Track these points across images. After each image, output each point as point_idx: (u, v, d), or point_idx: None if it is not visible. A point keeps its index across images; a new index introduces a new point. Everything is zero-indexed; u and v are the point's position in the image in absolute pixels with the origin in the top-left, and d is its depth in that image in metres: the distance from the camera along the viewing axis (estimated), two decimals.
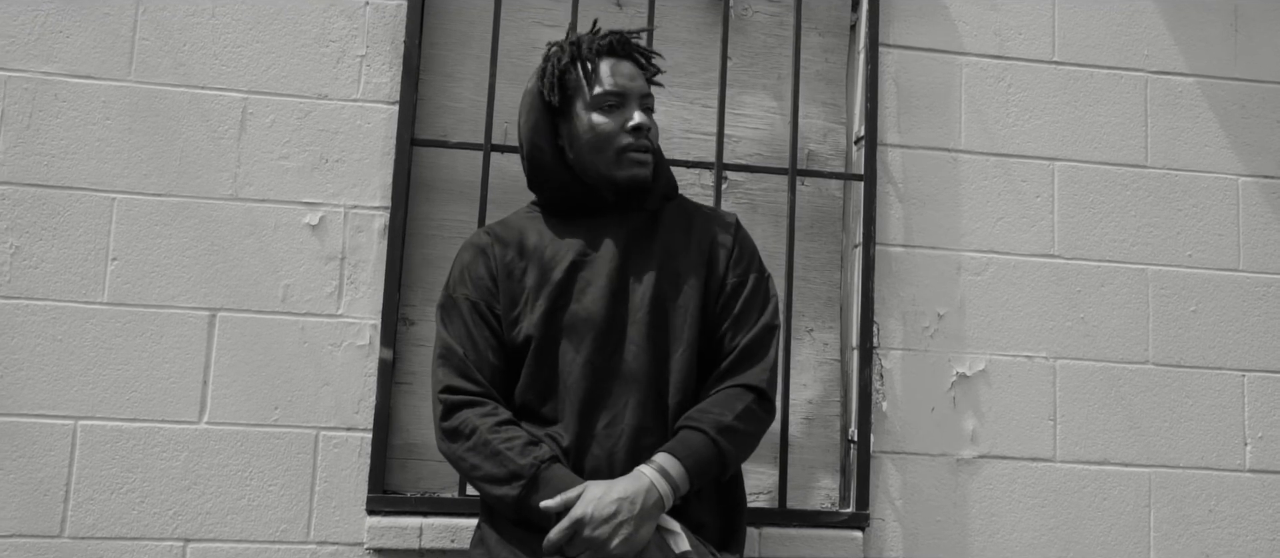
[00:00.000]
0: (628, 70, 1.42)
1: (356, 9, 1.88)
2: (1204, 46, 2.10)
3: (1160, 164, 2.05)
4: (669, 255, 1.43)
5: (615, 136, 1.38)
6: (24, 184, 1.76)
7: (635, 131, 1.38)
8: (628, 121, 1.38)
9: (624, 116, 1.39)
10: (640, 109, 1.41)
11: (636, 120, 1.38)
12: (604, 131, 1.38)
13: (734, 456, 1.34)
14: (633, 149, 1.38)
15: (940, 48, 2.03)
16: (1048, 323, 1.98)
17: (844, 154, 2.05)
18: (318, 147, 1.84)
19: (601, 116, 1.39)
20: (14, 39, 1.79)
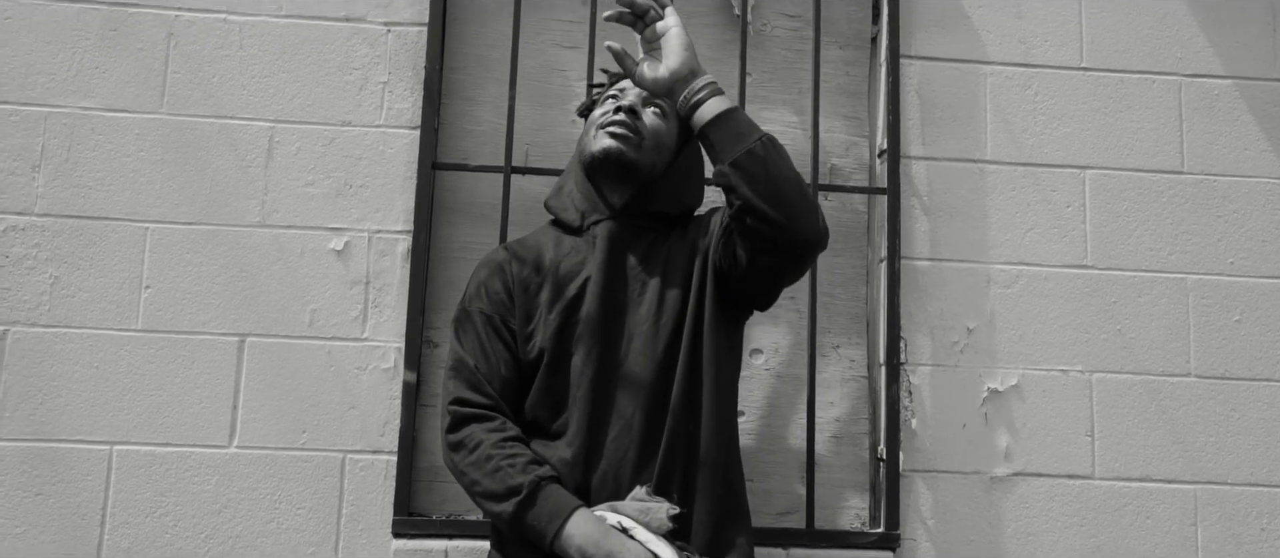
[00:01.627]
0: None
1: (378, 37, 1.87)
2: (1241, 48, 1.98)
3: (1197, 169, 1.94)
4: (669, 266, 1.38)
5: (601, 116, 1.40)
6: (63, 216, 1.77)
7: (618, 110, 1.38)
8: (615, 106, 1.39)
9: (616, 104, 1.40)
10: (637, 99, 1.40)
11: (624, 102, 1.38)
12: (594, 116, 1.42)
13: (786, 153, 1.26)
14: (611, 123, 1.37)
15: (964, 57, 1.95)
16: (1082, 336, 1.88)
17: (867, 168, 1.98)
18: (342, 173, 1.83)
19: (598, 107, 1.43)
20: (54, 76, 1.81)
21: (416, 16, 1.87)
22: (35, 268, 1.75)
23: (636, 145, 1.38)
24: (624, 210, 1.39)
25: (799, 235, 1.23)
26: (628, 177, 1.38)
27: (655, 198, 1.42)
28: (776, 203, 1.22)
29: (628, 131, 1.37)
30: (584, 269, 1.38)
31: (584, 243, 1.41)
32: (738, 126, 1.26)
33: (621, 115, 1.38)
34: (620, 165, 1.37)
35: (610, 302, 1.35)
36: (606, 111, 1.40)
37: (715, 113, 1.27)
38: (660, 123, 1.42)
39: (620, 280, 1.37)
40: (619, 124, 1.37)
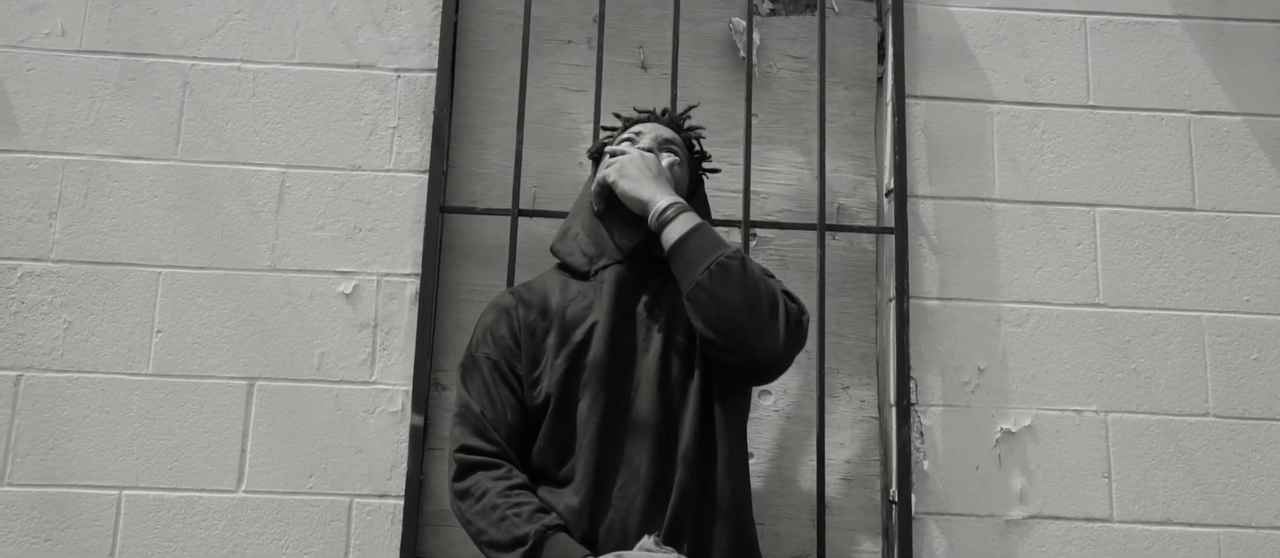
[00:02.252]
0: (657, 125, 1.47)
1: (389, 82, 1.88)
2: (1250, 84, 1.96)
3: (1209, 206, 1.91)
4: (677, 310, 1.36)
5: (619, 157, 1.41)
6: (78, 261, 1.78)
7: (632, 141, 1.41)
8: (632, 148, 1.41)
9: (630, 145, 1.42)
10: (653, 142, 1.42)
11: (641, 143, 1.41)
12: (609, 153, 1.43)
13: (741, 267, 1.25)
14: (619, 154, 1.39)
15: (970, 96, 1.93)
16: (1097, 375, 1.83)
17: (875, 207, 1.96)
18: (351, 217, 1.83)
19: (614, 149, 1.44)
20: (72, 125, 1.83)
21: (426, 63, 1.88)
22: (50, 313, 1.76)
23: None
24: (633, 254, 1.38)
25: (753, 361, 1.25)
26: (638, 217, 1.38)
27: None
28: (727, 333, 1.23)
29: None
30: (591, 314, 1.36)
31: (591, 287, 1.39)
32: (689, 257, 1.26)
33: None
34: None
35: (617, 347, 1.33)
36: (625, 152, 1.40)
37: (671, 241, 1.28)
38: (677, 166, 1.43)
39: (627, 325, 1.35)
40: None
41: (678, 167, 1.44)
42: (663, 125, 1.48)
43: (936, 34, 1.95)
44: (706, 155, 1.53)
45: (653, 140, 1.43)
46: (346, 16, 1.90)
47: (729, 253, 1.25)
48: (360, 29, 1.89)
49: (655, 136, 1.44)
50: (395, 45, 1.89)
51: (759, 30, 1.98)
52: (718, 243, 1.27)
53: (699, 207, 1.50)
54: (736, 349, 1.24)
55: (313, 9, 1.90)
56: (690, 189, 1.48)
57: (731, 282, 1.23)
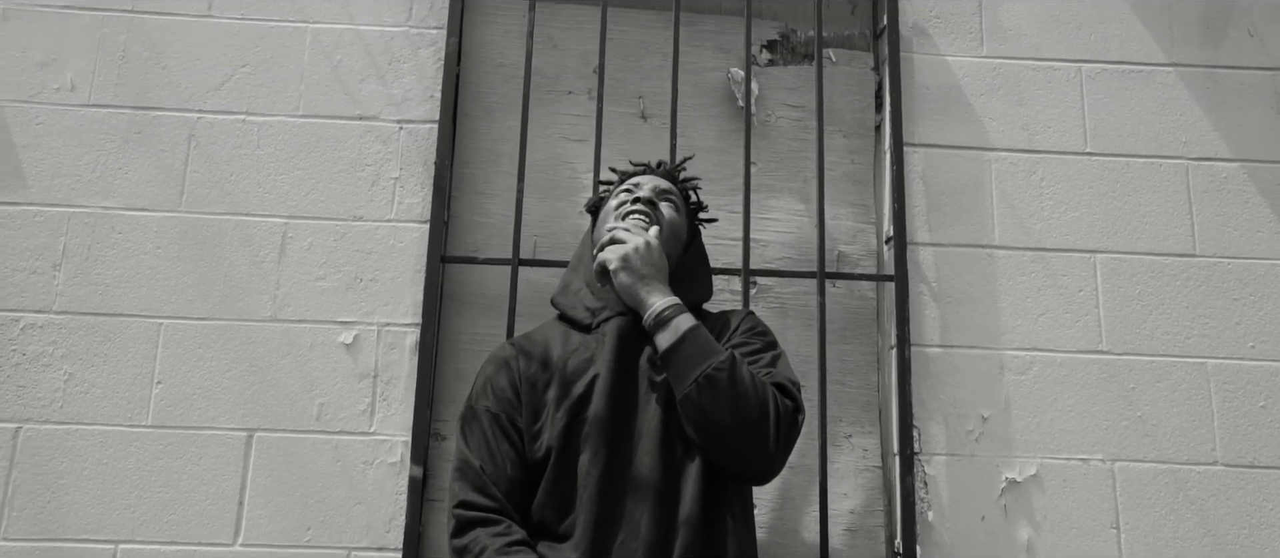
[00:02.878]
0: (654, 177, 1.47)
1: (391, 134, 1.89)
2: (1246, 130, 1.95)
3: (1210, 252, 1.89)
4: None
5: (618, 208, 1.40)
6: (80, 313, 1.78)
7: (635, 202, 1.39)
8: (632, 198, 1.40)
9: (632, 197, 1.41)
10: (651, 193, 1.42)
11: (641, 194, 1.40)
12: (610, 207, 1.42)
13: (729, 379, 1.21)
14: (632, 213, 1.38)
15: (967, 144, 1.93)
16: (1102, 423, 1.80)
17: (875, 254, 1.95)
18: (352, 267, 1.82)
19: (612, 200, 1.44)
20: (79, 177, 1.84)
21: (428, 114, 1.89)
22: (51, 365, 1.75)
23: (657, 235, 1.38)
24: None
25: (744, 469, 1.25)
26: None
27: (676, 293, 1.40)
28: (716, 444, 1.24)
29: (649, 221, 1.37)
30: (592, 366, 1.34)
31: (592, 339, 1.38)
32: (679, 365, 1.25)
33: (640, 206, 1.38)
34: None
35: (618, 400, 1.31)
36: (623, 203, 1.40)
37: (662, 349, 1.27)
38: (675, 216, 1.43)
39: (629, 379, 1.33)
40: (640, 214, 1.38)
41: (678, 214, 1.43)
42: (659, 177, 1.48)
43: (933, 83, 1.96)
44: (703, 205, 1.53)
45: (651, 190, 1.43)
46: (351, 69, 1.91)
47: (717, 364, 1.23)
48: (364, 81, 1.91)
49: (653, 187, 1.44)
50: (398, 97, 1.90)
51: (757, 80, 1.99)
52: (707, 351, 1.24)
53: (696, 256, 1.49)
54: (726, 458, 1.25)
55: (317, 62, 1.91)
56: (688, 239, 1.47)
57: (719, 396, 1.22)
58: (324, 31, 1.93)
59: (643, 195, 1.40)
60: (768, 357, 1.34)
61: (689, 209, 1.50)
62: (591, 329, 1.38)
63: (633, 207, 1.38)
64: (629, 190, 1.44)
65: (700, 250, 1.51)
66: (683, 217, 1.45)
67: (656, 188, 1.44)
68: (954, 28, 1.99)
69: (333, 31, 1.93)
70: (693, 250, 1.48)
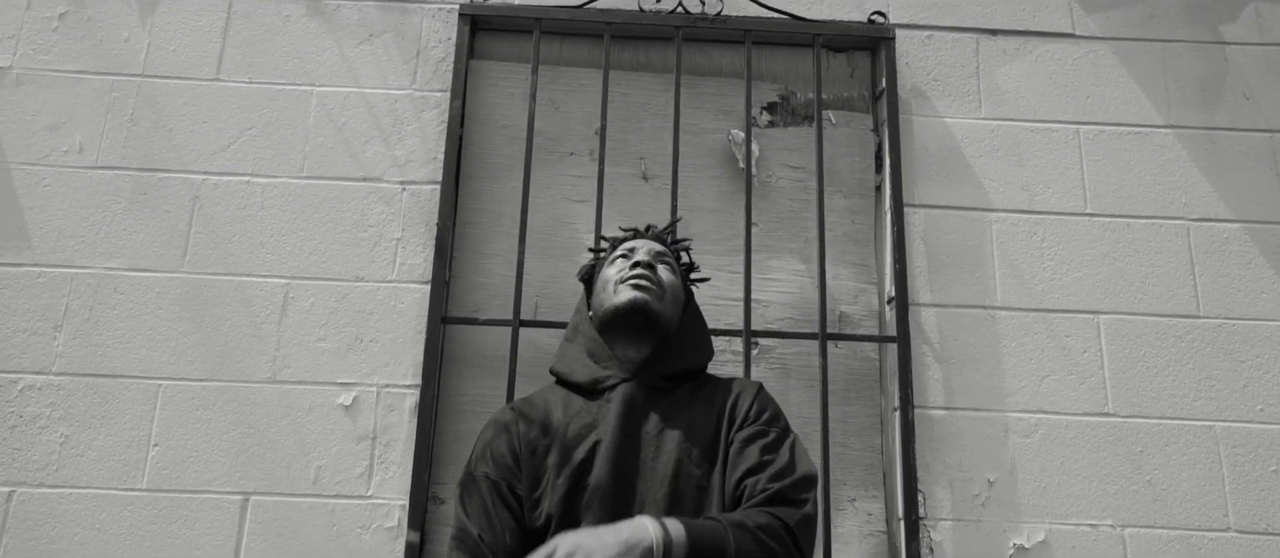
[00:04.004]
0: (645, 241, 1.46)
1: (394, 194, 1.88)
2: (1245, 192, 1.94)
3: (1214, 314, 1.86)
4: (691, 432, 1.31)
5: (617, 273, 1.39)
6: (79, 374, 1.75)
7: (635, 265, 1.37)
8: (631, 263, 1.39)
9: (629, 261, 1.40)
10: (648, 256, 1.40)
11: (637, 258, 1.39)
12: (610, 274, 1.40)
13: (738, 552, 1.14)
14: (632, 277, 1.35)
15: (967, 205, 1.92)
16: (1110, 487, 1.75)
17: (876, 315, 1.92)
18: (353, 328, 1.80)
19: (609, 267, 1.41)
20: (83, 239, 1.83)
21: (431, 176, 1.89)
22: (47, 427, 1.72)
23: (659, 297, 1.36)
24: (641, 370, 1.34)
25: None
26: (650, 329, 1.34)
27: (673, 354, 1.37)
28: None
29: (650, 283, 1.36)
30: (594, 431, 1.31)
31: (594, 404, 1.35)
32: (701, 537, 1.14)
33: (640, 269, 1.37)
34: (645, 316, 1.33)
35: (621, 467, 1.27)
36: (622, 269, 1.38)
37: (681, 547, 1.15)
38: (672, 277, 1.41)
39: (633, 445, 1.29)
40: (640, 277, 1.36)
41: (675, 275, 1.42)
42: (652, 241, 1.47)
43: (932, 144, 1.95)
44: (695, 266, 1.51)
45: (647, 253, 1.41)
46: (355, 132, 1.92)
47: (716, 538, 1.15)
48: (368, 143, 1.91)
49: (649, 250, 1.43)
50: (401, 159, 1.90)
51: (758, 141, 1.99)
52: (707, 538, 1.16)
53: (693, 316, 1.46)
54: None
55: (322, 125, 1.92)
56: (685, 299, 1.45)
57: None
58: (330, 94, 1.94)
59: (641, 259, 1.39)
60: (784, 454, 1.29)
61: (683, 270, 1.49)
62: (595, 393, 1.35)
63: (632, 271, 1.37)
64: (625, 256, 1.42)
65: (696, 311, 1.48)
66: (678, 278, 1.44)
67: (652, 251, 1.43)
68: (952, 90, 1.99)
69: (339, 94, 1.94)
70: (690, 311, 1.46)
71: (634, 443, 1.29)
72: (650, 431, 1.30)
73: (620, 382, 1.33)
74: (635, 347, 1.35)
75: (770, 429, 1.31)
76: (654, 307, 1.33)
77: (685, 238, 1.54)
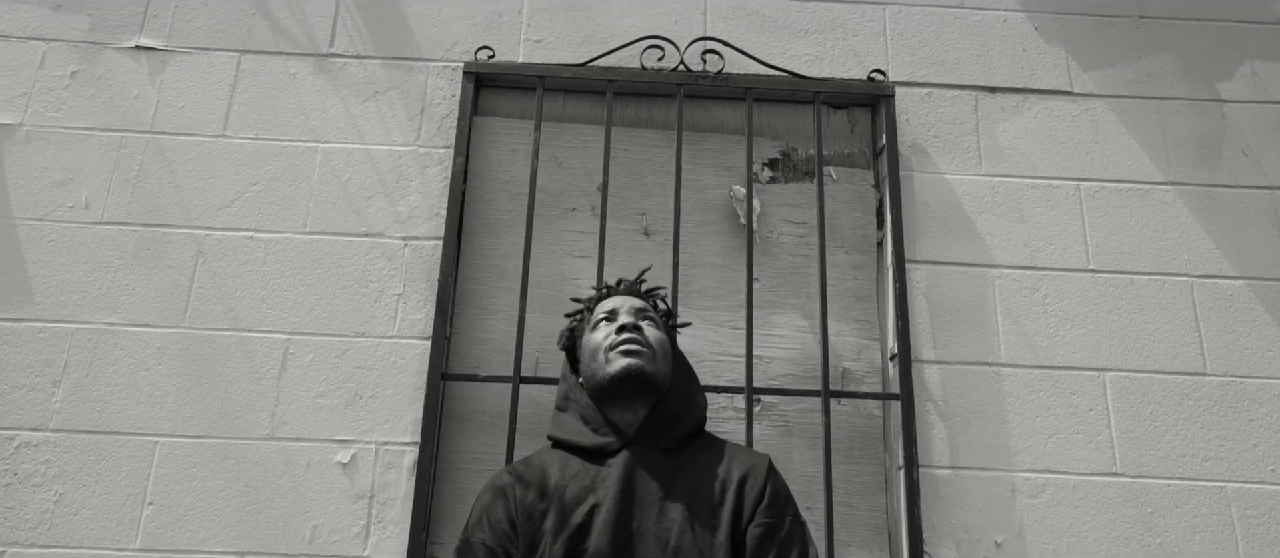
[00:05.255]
0: (621, 298, 1.43)
1: (396, 250, 1.88)
2: (1248, 248, 1.92)
3: (1221, 371, 1.83)
4: (693, 499, 1.27)
5: (604, 339, 1.35)
6: (75, 431, 1.73)
7: (620, 329, 1.34)
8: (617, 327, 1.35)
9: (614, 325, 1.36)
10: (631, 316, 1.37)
11: (621, 320, 1.35)
12: (596, 341, 1.36)
13: None
14: (621, 343, 1.32)
15: (969, 261, 1.90)
16: (1121, 549, 1.71)
17: (880, 371, 1.89)
18: (353, 384, 1.78)
19: (593, 333, 1.38)
20: (85, 294, 1.82)
21: (433, 231, 1.88)
22: (42, 485, 1.69)
23: (651, 359, 1.33)
24: (639, 433, 1.32)
25: None
26: (645, 392, 1.32)
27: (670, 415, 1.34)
28: None
29: (640, 347, 1.33)
30: (591, 494, 1.28)
31: (592, 466, 1.32)
32: None
33: (627, 334, 1.33)
34: (640, 382, 1.31)
35: (621, 532, 1.24)
36: (609, 334, 1.35)
37: None
38: (657, 332, 1.38)
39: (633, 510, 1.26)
40: (629, 342, 1.33)
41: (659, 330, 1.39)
42: (629, 297, 1.43)
43: (933, 200, 1.95)
44: (672, 313, 1.49)
45: (630, 313, 1.38)
46: (359, 187, 1.92)
47: None
48: (371, 199, 1.91)
49: (630, 309, 1.39)
50: (404, 214, 1.90)
51: (759, 197, 1.98)
52: None
53: (681, 368, 1.43)
54: None
55: (327, 181, 1.92)
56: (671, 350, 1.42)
57: None
58: (335, 151, 1.94)
59: (626, 322, 1.36)
60: (795, 553, 1.27)
61: (663, 319, 1.46)
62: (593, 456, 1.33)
63: (620, 337, 1.33)
64: (608, 318, 1.39)
65: (683, 361, 1.46)
66: (662, 330, 1.41)
67: (633, 309, 1.39)
68: (952, 146, 1.99)
69: (343, 151, 1.95)
70: (677, 360, 1.43)
71: (634, 508, 1.26)
72: (650, 496, 1.27)
73: (621, 447, 1.30)
74: (631, 411, 1.32)
75: (784, 519, 1.29)
76: (648, 371, 1.31)
77: (659, 286, 1.50)
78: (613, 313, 1.38)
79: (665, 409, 1.34)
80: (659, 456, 1.31)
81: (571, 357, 1.44)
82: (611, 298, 1.43)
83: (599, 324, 1.38)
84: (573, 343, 1.43)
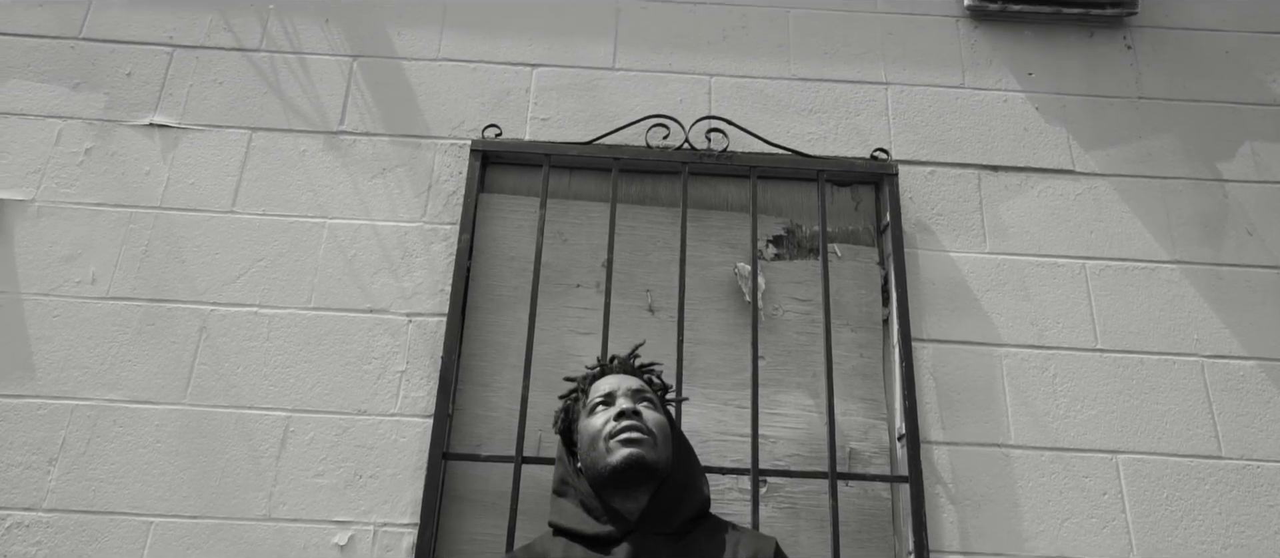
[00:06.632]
0: (617, 377, 1.39)
1: (400, 327, 1.86)
2: (1258, 328, 1.90)
3: (1237, 454, 1.79)
4: None
5: (603, 427, 1.31)
6: (70, 511, 1.69)
7: (620, 416, 1.29)
8: (615, 413, 1.31)
9: (612, 411, 1.32)
10: (628, 400, 1.33)
11: (620, 405, 1.31)
12: (594, 427, 1.32)
13: None
14: (622, 431, 1.28)
15: (976, 339, 1.88)
16: None
17: (888, 451, 1.85)
18: (353, 463, 1.75)
19: (591, 418, 1.33)
20: (87, 370, 1.81)
21: (437, 307, 1.87)
22: None
23: (652, 445, 1.30)
24: (642, 520, 1.28)
25: None
26: (647, 479, 1.29)
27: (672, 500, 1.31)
28: None
29: (641, 434, 1.29)
30: None
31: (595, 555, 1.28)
32: None
33: (627, 421, 1.30)
34: (642, 470, 1.27)
35: None
36: (608, 421, 1.31)
37: None
38: (655, 413, 1.34)
39: None
40: (630, 429, 1.29)
41: (657, 411, 1.35)
42: (624, 375, 1.39)
43: (939, 278, 1.93)
44: (667, 387, 1.44)
45: (627, 397, 1.34)
46: (364, 263, 1.92)
47: None
48: (376, 275, 1.90)
49: (627, 390, 1.35)
50: (409, 290, 1.89)
51: (764, 274, 1.97)
52: None
53: (681, 446, 1.40)
54: None
55: (333, 256, 1.92)
56: (670, 429, 1.38)
57: None
58: (341, 227, 1.95)
59: (625, 408, 1.32)
60: None
61: (660, 396, 1.42)
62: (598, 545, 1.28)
63: (620, 424, 1.30)
64: (605, 402, 1.34)
65: (683, 441, 1.42)
66: (660, 410, 1.37)
67: (629, 390, 1.35)
68: (956, 224, 1.99)
69: (350, 226, 1.95)
70: (676, 439, 1.40)
71: None
72: None
73: (623, 536, 1.26)
74: (632, 498, 1.29)
75: None
76: (649, 460, 1.27)
77: (654, 362, 1.46)
78: (610, 396, 1.35)
79: (667, 494, 1.31)
80: (663, 541, 1.27)
81: (567, 438, 1.40)
82: (606, 377, 1.39)
83: (596, 408, 1.34)
84: (568, 426, 1.40)
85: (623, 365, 1.42)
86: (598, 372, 1.42)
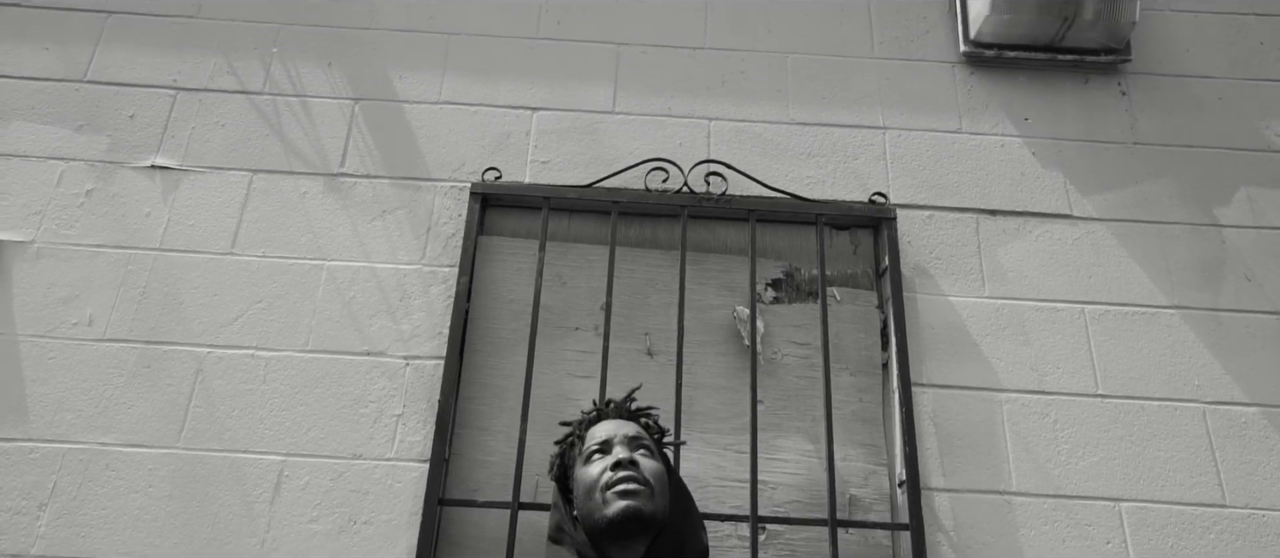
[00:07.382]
0: (613, 423, 1.36)
1: (397, 370, 1.85)
2: (1259, 375, 1.89)
3: (1241, 503, 1.77)
4: None
5: (599, 477, 1.28)
6: (59, 557, 1.66)
7: (617, 466, 1.27)
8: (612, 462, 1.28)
9: (608, 460, 1.29)
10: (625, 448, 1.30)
11: (616, 454, 1.29)
12: (590, 477, 1.29)
13: None
14: (619, 482, 1.25)
15: (976, 385, 1.87)
16: None
17: (888, 498, 1.83)
18: (347, 509, 1.72)
19: (587, 467, 1.31)
20: (81, 413, 1.79)
21: (435, 350, 1.86)
22: None
23: (650, 496, 1.27)
24: None
25: None
26: (645, 531, 1.26)
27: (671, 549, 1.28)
28: None
29: (638, 484, 1.26)
30: None
31: None
32: None
33: (624, 472, 1.28)
34: (640, 522, 1.25)
35: None
36: (604, 471, 1.28)
37: None
38: (652, 461, 1.32)
39: None
40: (626, 480, 1.26)
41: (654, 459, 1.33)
42: (621, 420, 1.36)
43: (938, 322, 1.93)
44: (664, 431, 1.42)
45: (624, 445, 1.31)
46: (362, 306, 1.91)
47: None
48: (374, 317, 1.90)
49: (623, 438, 1.32)
50: (407, 333, 1.88)
51: (763, 317, 1.97)
52: None
53: (678, 493, 1.37)
54: None
55: (331, 298, 1.91)
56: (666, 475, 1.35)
57: None
58: (340, 269, 1.95)
59: (622, 457, 1.29)
60: None
61: (656, 442, 1.40)
62: None
63: (617, 474, 1.27)
64: (601, 450, 1.31)
65: (682, 487, 1.39)
66: (657, 457, 1.35)
67: (626, 438, 1.32)
68: (955, 268, 1.99)
69: (349, 269, 1.95)
70: (674, 485, 1.37)
71: None
72: None
73: None
74: (630, 549, 1.27)
75: None
76: (647, 511, 1.24)
77: (651, 406, 1.43)
78: (606, 444, 1.32)
79: (665, 542, 1.29)
80: None
81: (562, 484, 1.38)
82: (603, 423, 1.37)
83: (593, 457, 1.31)
84: (564, 472, 1.37)
85: (619, 410, 1.40)
86: (594, 416, 1.39)
